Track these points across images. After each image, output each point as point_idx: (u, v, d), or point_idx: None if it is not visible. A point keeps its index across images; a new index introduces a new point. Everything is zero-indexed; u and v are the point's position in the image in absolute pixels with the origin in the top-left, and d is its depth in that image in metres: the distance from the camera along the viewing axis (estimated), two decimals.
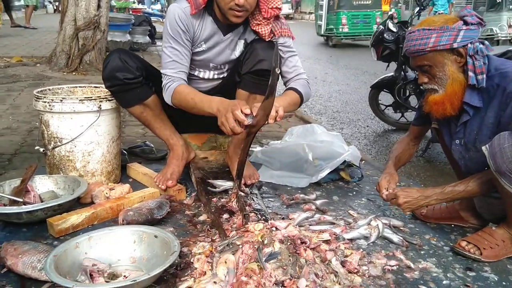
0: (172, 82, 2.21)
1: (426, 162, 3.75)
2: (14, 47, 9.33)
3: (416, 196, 1.90)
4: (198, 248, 1.79)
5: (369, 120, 5.17)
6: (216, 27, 2.24)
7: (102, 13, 6.57)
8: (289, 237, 1.69)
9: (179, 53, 2.22)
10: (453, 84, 1.81)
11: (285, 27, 2.29)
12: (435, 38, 1.76)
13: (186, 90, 2.17)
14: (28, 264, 1.59)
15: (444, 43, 1.76)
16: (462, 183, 1.82)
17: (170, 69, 2.22)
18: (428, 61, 1.81)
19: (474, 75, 1.77)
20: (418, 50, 1.80)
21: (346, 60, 10.25)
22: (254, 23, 2.21)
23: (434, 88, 1.85)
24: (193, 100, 2.11)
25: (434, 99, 1.86)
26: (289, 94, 2.26)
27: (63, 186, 2.25)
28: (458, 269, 1.76)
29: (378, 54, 4.54)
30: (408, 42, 1.85)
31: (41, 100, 2.27)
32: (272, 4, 2.16)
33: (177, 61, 2.22)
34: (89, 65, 6.60)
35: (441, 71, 1.81)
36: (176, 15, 2.18)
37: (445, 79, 1.82)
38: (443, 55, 1.79)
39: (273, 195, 2.41)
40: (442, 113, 1.86)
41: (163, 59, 2.25)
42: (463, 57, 1.79)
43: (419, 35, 1.80)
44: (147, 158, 2.93)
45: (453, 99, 1.82)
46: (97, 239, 1.71)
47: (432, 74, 1.83)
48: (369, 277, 1.66)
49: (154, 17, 13.99)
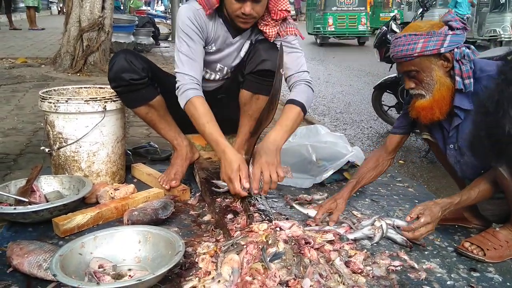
0: (188, 86, 2.13)
1: (429, 163, 3.75)
2: (19, 48, 9.37)
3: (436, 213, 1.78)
4: (202, 248, 1.79)
5: (372, 121, 5.17)
6: (226, 29, 2.24)
7: (106, 14, 6.60)
8: (293, 237, 1.69)
9: (194, 51, 2.18)
10: (441, 89, 1.80)
11: (291, 26, 2.27)
12: (423, 43, 1.76)
13: (201, 110, 2.10)
14: (34, 264, 1.60)
15: (431, 48, 1.76)
16: (473, 188, 1.79)
17: (186, 69, 2.15)
18: (415, 67, 1.81)
19: (461, 80, 1.77)
20: (405, 55, 1.80)
21: (337, 57, 10.26)
22: (262, 23, 2.20)
23: (421, 94, 1.85)
24: (203, 126, 2.08)
25: (422, 104, 1.85)
26: (289, 115, 2.12)
27: (68, 186, 2.26)
28: (462, 269, 1.76)
29: (381, 55, 4.54)
30: (395, 48, 1.83)
31: (47, 100, 2.29)
32: (281, 6, 2.15)
33: (193, 60, 2.17)
34: (93, 66, 6.63)
35: (429, 76, 1.81)
36: (190, 15, 2.15)
37: (432, 84, 1.81)
38: (430, 60, 1.79)
39: (277, 196, 2.42)
40: (431, 118, 1.86)
41: (178, 59, 2.18)
42: (449, 62, 1.79)
43: (406, 40, 1.79)
44: (151, 159, 2.94)
45: (441, 104, 1.82)
46: (102, 239, 1.72)
47: (419, 80, 1.83)
48: (373, 278, 1.66)
49: (158, 19, 14.01)
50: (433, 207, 1.79)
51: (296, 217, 2.15)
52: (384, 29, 4.48)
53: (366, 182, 2.18)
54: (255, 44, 2.28)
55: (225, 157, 2.00)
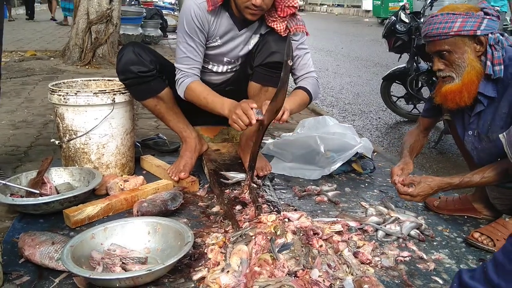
0: (185, 77, 2.24)
1: (438, 153, 3.73)
2: (28, 41, 9.42)
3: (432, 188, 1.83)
4: (211, 239, 1.81)
5: (381, 111, 5.14)
6: (232, 23, 2.24)
7: (114, 6, 6.59)
8: (302, 228, 1.70)
9: (193, 50, 2.24)
10: (471, 72, 1.77)
11: (300, 23, 2.26)
12: (461, 22, 1.73)
13: (199, 88, 2.21)
14: (46, 254, 1.62)
15: (468, 29, 1.73)
16: (478, 173, 1.78)
17: (184, 65, 2.25)
18: (449, 46, 1.77)
19: (491, 65, 1.74)
20: (441, 33, 1.76)
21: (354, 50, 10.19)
22: (270, 20, 2.20)
23: (450, 76, 1.81)
24: (205, 99, 2.17)
25: (450, 88, 1.81)
26: (298, 94, 2.26)
27: (79, 178, 2.28)
28: (471, 260, 1.76)
29: (390, 45, 4.50)
30: (430, 25, 1.80)
31: (56, 93, 2.30)
32: (288, 2, 2.15)
33: (191, 58, 2.24)
34: (102, 58, 6.64)
35: (460, 58, 1.77)
36: (192, 12, 2.17)
37: (463, 67, 1.78)
38: (464, 42, 1.76)
39: (285, 187, 2.42)
40: (458, 102, 1.82)
41: (177, 54, 2.27)
42: (482, 46, 1.76)
43: (443, 18, 1.76)
44: (160, 151, 2.95)
45: (471, 88, 1.78)
46: (112, 230, 1.74)
47: (450, 61, 1.80)
48: (382, 268, 1.67)
49: (166, 10, 13.98)
50: (431, 182, 1.83)
51: (304, 208, 2.15)
52: (393, 19, 4.43)
53: (417, 152, 2.15)
54: (264, 36, 2.27)
55: (232, 103, 2.06)
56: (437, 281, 1.61)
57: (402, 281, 1.60)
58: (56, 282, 1.56)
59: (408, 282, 1.59)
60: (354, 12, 25.59)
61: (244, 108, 1.94)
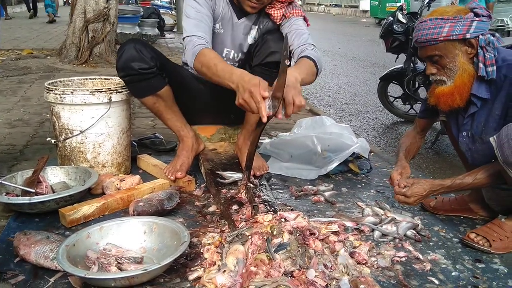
0: (199, 44, 2.10)
1: (435, 154, 3.73)
2: (25, 40, 9.39)
3: (425, 189, 1.84)
4: (207, 238, 1.80)
5: (378, 112, 5.15)
6: (231, 10, 2.24)
7: (112, 5, 6.58)
8: (298, 228, 1.70)
9: (202, 15, 2.19)
10: (463, 75, 1.78)
11: (297, 8, 2.26)
12: (449, 27, 1.74)
13: (211, 54, 2.07)
14: (41, 254, 1.61)
15: (457, 33, 1.74)
16: (470, 175, 1.80)
17: (194, 30, 2.14)
18: (439, 51, 1.79)
19: (484, 67, 1.75)
20: (430, 39, 1.78)
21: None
22: (268, 6, 2.21)
23: (442, 80, 1.83)
24: (215, 66, 1.97)
25: (442, 91, 1.83)
26: (303, 63, 2.09)
27: (74, 177, 2.27)
28: (467, 260, 1.76)
29: (387, 45, 4.51)
30: (419, 32, 1.82)
31: (52, 92, 2.29)
32: None
33: (201, 21, 2.18)
34: (98, 57, 6.62)
35: (452, 62, 1.79)
36: None
37: (454, 70, 1.80)
38: (454, 46, 1.77)
39: (282, 187, 2.42)
40: (450, 105, 1.84)
41: (187, 23, 2.18)
42: (474, 48, 1.77)
43: (432, 24, 1.77)
44: (157, 150, 2.95)
45: (462, 90, 1.80)
46: (108, 230, 1.74)
47: (442, 65, 1.81)
48: (378, 268, 1.67)
49: (163, 9, 13.95)
50: (423, 184, 1.85)
51: (301, 208, 2.15)
52: (391, 19, 4.44)
53: (413, 154, 2.17)
54: (263, 36, 2.27)
55: (243, 78, 1.82)
56: (433, 282, 1.61)
57: (398, 281, 1.60)
58: (51, 281, 1.55)
59: (404, 283, 1.59)
60: (352, 12, 25.63)
61: (256, 98, 1.73)
